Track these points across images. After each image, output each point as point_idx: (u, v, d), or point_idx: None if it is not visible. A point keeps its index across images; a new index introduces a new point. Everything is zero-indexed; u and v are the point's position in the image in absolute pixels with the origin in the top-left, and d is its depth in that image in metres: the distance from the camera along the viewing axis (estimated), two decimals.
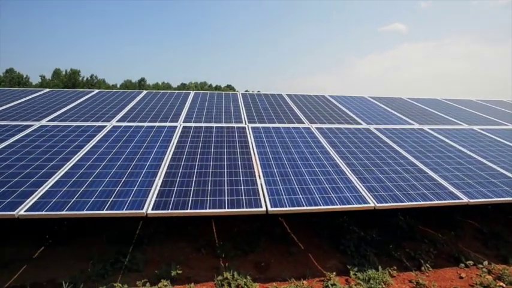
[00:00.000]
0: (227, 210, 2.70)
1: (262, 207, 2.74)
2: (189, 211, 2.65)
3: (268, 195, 2.92)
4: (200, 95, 6.37)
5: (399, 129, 5.00)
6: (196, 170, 3.29)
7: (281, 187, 3.08)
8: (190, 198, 2.80)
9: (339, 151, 4.00)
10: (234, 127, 4.62)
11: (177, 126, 4.50)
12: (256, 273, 3.01)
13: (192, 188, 2.96)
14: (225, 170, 3.34)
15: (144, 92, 6.39)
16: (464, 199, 3.09)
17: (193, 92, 6.59)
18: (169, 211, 2.63)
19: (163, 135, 4.14)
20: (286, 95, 6.81)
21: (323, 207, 2.83)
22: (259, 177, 3.23)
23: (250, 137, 4.28)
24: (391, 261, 3.23)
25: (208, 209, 2.69)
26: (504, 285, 2.87)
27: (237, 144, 4.01)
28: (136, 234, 3.69)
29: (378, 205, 2.91)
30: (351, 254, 3.33)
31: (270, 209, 2.74)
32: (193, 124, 4.65)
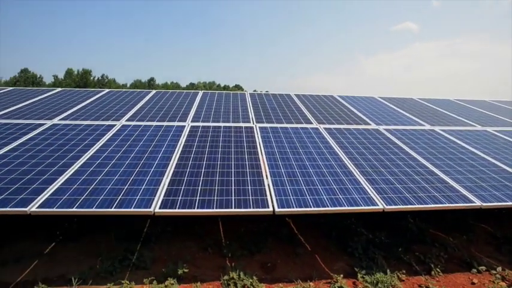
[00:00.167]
0: (234, 210, 2.70)
1: (269, 208, 2.73)
2: (196, 210, 2.66)
3: (275, 196, 2.90)
4: (208, 95, 6.40)
5: (409, 130, 4.91)
6: (203, 170, 3.30)
7: (288, 187, 3.06)
8: (198, 198, 2.81)
9: (347, 152, 3.95)
10: (242, 127, 4.62)
11: (185, 126, 4.53)
12: (262, 273, 3.00)
13: (199, 188, 2.97)
14: (233, 169, 3.34)
15: (153, 92, 6.45)
16: (477, 203, 3.01)
17: (202, 92, 6.62)
18: (177, 210, 2.64)
19: (171, 135, 4.17)
20: (295, 95, 6.78)
21: (331, 209, 2.80)
22: (267, 178, 3.22)
23: (258, 137, 4.27)
24: (400, 265, 3.17)
25: (215, 208, 2.70)
26: None
27: (244, 144, 4.01)
28: (144, 232, 3.73)
29: (386, 207, 2.86)
30: (358, 257, 3.28)
31: (277, 209, 2.72)
32: (201, 124, 4.67)
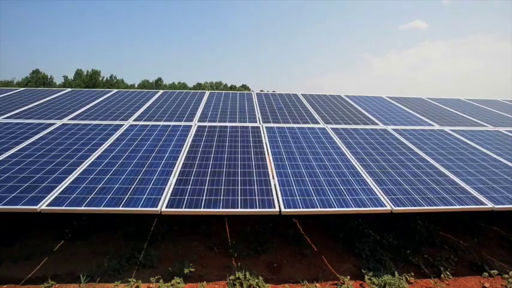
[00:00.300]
0: (240, 210, 2.69)
1: (275, 208, 2.72)
2: (202, 210, 2.66)
3: (281, 196, 2.89)
4: (215, 95, 6.42)
5: (418, 130, 4.83)
6: (210, 169, 3.31)
7: (295, 188, 3.04)
8: (204, 197, 2.82)
9: (354, 152, 3.91)
10: (249, 127, 4.62)
11: (192, 126, 4.55)
12: (268, 274, 3.00)
13: (205, 187, 2.98)
14: (239, 169, 3.34)
15: (160, 92, 6.50)
16: (489, 205, 2.94)
17: (209, 92, 6.64)
18: (183, 209, 2.65)
19: (178, 135, 4.19)
20: (301, 94, 6.74)
21: (337, 209, 2.77)
22: (273, 178, 3.21)
23: (265, 137, 4.26)
24: (408, 267, 3.12)
25: (222, 208, 2.70)
26: None
27: (251, 144, 4.01)
28: (151, 231, 3.76)
29: (395, 208, 2.82)
30: (365, 258, 3.24)
31: (283, 209, 2.71)
32: (207, 123, 4.68)
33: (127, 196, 2.77)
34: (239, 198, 2.84)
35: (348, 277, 2.91)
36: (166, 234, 3.70)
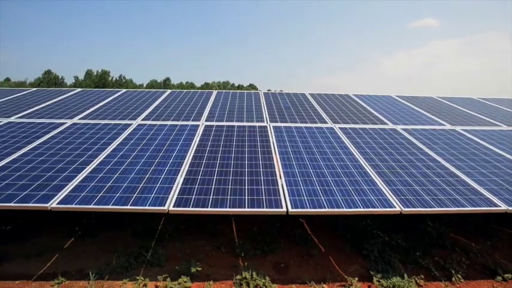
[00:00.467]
0: (247, 209, 2.69)
1: (282, 208, 2.70)
2: (209, 209, 2.67)
3: (289, 196, 2.87)
4: (222, 94, 6.43)
5: (429, 130, 4.73)
6: (217, 169, 3.32)
7: (302, 188, 3.02)
8: (211, 197, 2.82)
9: (363, 152, 3.86)
10: (256, 126, 4.61)
11: (199, 125, 4.57)
12: (275, 274, 2.98)
13: (212, 187, 2.98)
14: (246, 169, 3.33)
15: (168, 91, 6.55)
16: (503, 206, 2.85)
17: (216, 91, 6.66)
18: (190, 209, 2.66)
19: (185, 134, 4.22)
20: (309, 94, 6.70)
21: (345, 210, 2.74)
22: (280, 177, 3.19)
23: (272, 136, 4.24)
24: (418, 270, 3.06)
25: (228, 207, 2.70)
26: None
27: (258, 143, 4.00)
28: (159, 230, 3.79)
29: (404, 209, 2.76)
30: (374, 260, 3.19)
31: (290, 209, 2.69)
32: (215, 123, 4.69)
33: (135, 195, 2.79)
34: (246, 197, 2.83)
35: (356, 278, 2.88)
36: (174, 233, 3.73)
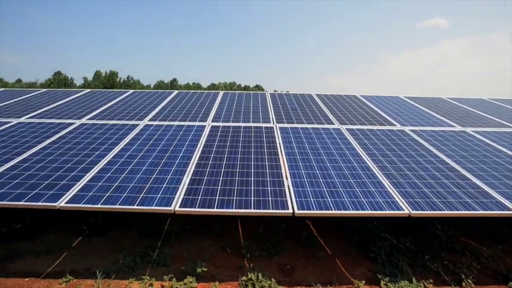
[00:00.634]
0: (253, 210, 2.68)
1: (288, 209, 2.69)
2: (215, 210, 2.67)
3: (295, 197, 2.85)
4: (229, 95, 6.44)
5: (438, 132, 4.65)
6: (223, 169, 3.32)
7: (309, 189, 3.00)
8: (217, 197, 2.82)
9: (370, 153, 3.81)
10: (262, 127, 4.60)
11: (205, 126, 4.58)
12: (280, 275, 2.96)
13: (218, 187, 2.98)
14: (252, 170, 3.32)
15: (175, 92, 6.59)
16: None
17: (222, 92, 6.67)
18: (196, 209, 2.66)
19: (192, 135, 4.23)
20: (316, 94, 6.66)
21: (352, 212, 2.71)
22: (287, 178, 3.17)
23: (278, 137, 4.23)
24: (427, 274, 3.01)
25: (234, 208, 2.69)
26: None
27: (264, 144, 3.98)
28: (165, 230, 3.81)
29: (413, 212, 2.72)
30: (381, 263, 3.15)
31: (296, 211, 2.67)
32: (221, 124, 4.70)
33: (142, 195, 2.81)
34: (252, 198, 2.82)
35: (363, 282, 2.84)
36: (180, 233, 3.74)
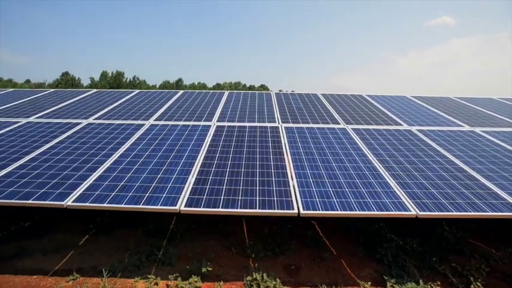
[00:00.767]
0: (258, 210, 2.67)
1: (294, 210, 2.67)
2: (220, 210, 2.67)
3: (300, 197, 2.83)
4: (234, 95, 6.44)
5: (446, 131, 4.58)
6: (228, 169, 3.31)
7: (314, 189, 2.98)
8: (222, 197, 2.82)
9: (376, 154, 3.77)
10: (267, 127, 4.58)
11: (211, 126, 4.58)
12: (286, 276, 2.95)
13: (224, 187, 2.98)
14: (257, 170, 3.32)
15: (180, 92, 6.62)
16: None
17: (228, 92, 6.67)
18: (201, 209, 2.67)
19: (197, 134, 4.24)
20: (321, 94, 6.62)
21: (358, 213, 2.68)
22: (292, 179, 3.15)
23: (284, 137, 4.21)
24: (434, 276, 2.96)
25: (240, 208, 2.69)
26: None
27: (269, 144, 3.97)
28: (170, 229, 3.82)
29: (420, 213, 2.68)
30: (388, 264, 3.11)
31: (302, 211, 2.66)
32: (226, 123, 4.70)
33: (147, 194, 2.82)
34: (257, 198, 2.81)
35: (369, 283, 2.81)
36: (185, 232, 3.75)
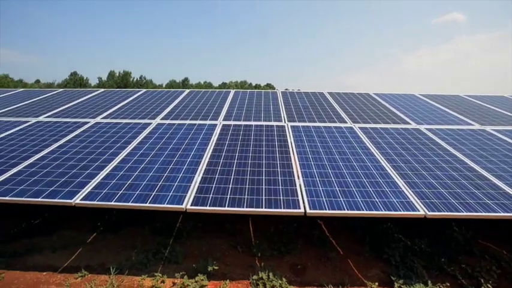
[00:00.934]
0: (264, 209, 2.66)
1: (300, 209, 2.66)
2: (226, 209, 2.67)
3: (307, 197, 2.82)
4: (240, 94, 6.44)
5: (455, 130, 4.50)
6: (234, 168, 3.31)
7: (321, 188, 2.95)
8: (228, 196, 2.82)
9: (384, 153, 3.72)
10: (273, 126, 4.57)
11: (217, 125, 4.59)
12: (292, 275, 2.94)
13: (230, 186, 2.98)
14: (263, 168, 3.31)
15: (186, 91, 6.65)
16: None
17: (233, 91, 6.68)
18: (208, 208, 2.67)
19: (203, 133, 4.25)
20: (328, 93, 6.57)
21: (366, 212, 2.65)
22: (298, 178, 3.14)
23: (290, 136, 4.19)
24: (443, 277, 2.91)
25: (246, 207, 2.68)
26: None
27: (276, 143, 3.96)
28: (177, 228, 3.84)
29: (429, 213, 2.64)
30: (395, 264, 3.07)
31: (308, 211, 2.64)
32: (232, 122, 4.70)
33: (154, 193, 2.84)
34: (263, 197, 2.81)
35: (376, 283, 2.78)
36: (191, 231, 3.77)
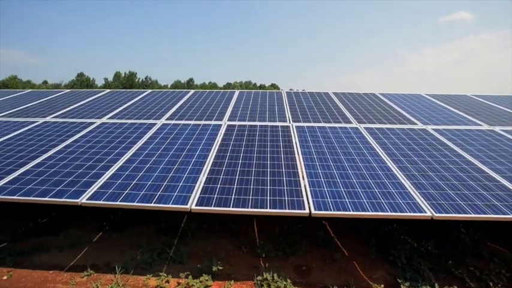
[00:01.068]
0: (269, 210, 2.65)
1: (305, 210, 2.64)
2: (231, 209, 2.66)
3: (312, 197, 2.80)
4: (245, 94, 6.44)
5: (463, 131, 4.44)
6: (239, 169, 3.31)
7: (326, 189, 2.93)
8: (233, 196, 2.82)
9: (390, 153, 3.69)
10: (278, 126, 4.56)
11: (221, 125, 4.60)
12: (296, 276, 2.92)
13: (234, 186, 2.98)
14: (268, 169, 3.30)
15: (191, 92, 6.67)
16: None
17: (238, 91, 6.68)
18: (212, 208, 2.67)
19: (208, 133, 4.26)
20: (333, 93, 6.54)
21: (371, 214, 2.62)
22: (303, 178, 3.12)
23: (295, 136, 4.17)
24: (451, 280, 2.87)
25: (250, 208, 2.68)
26: None
27: (280, 143, 3.95)
28: (181, 228, 3.85)
29: (436, 215, 2.60)
30: (401, 266, 3.04)
31: (313, 211, 2.62)
32: (237, 123, 4.70)
33: (159, 193, 2.85)
34: (268, 198, 2.80)
35: (382, 285, 2.75)
36: (196, 231, 3.78)
